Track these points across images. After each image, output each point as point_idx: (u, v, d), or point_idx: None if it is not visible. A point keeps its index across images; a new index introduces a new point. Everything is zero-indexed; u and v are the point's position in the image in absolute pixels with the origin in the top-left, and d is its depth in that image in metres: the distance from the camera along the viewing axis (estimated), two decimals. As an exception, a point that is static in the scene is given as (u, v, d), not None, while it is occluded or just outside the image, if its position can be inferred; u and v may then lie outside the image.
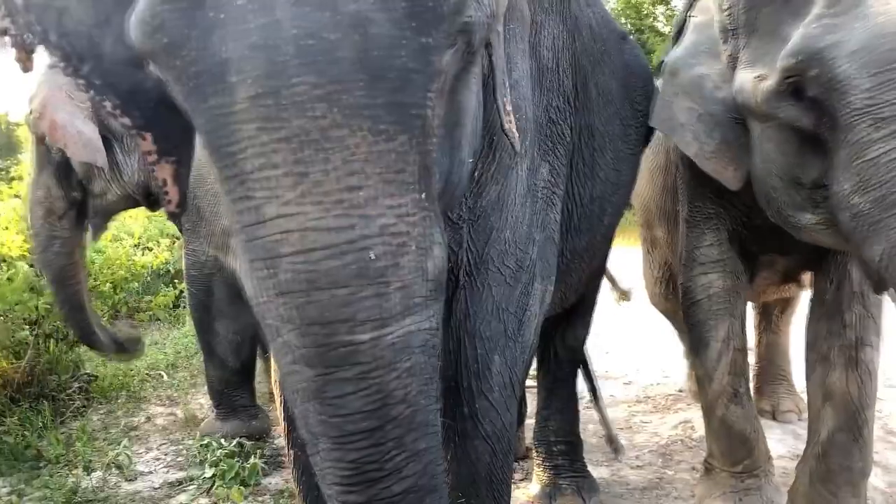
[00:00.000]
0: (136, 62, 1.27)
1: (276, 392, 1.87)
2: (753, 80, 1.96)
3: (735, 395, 2.55)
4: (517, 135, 1.50)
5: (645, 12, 20.54)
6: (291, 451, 1.83)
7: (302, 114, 1.01)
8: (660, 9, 21.12)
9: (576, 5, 2.10)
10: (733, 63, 2.05)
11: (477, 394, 1.78)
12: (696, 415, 3.73)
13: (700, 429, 3.49)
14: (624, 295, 4.78)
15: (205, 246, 3.53)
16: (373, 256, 1.03)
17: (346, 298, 1.03)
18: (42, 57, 1.40)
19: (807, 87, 1.81)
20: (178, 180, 1.45)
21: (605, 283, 3.27)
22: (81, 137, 3.10)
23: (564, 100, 1.95)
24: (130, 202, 3.60)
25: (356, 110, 1.01)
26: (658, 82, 2.45)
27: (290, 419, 1.80)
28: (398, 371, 1.07)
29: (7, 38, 1.39)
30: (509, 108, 1.46)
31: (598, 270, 2.68)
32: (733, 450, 2.58)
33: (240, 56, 1.01)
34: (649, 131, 2.51)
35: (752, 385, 3.08)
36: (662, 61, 2.33)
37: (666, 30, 20.68)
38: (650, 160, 3.03)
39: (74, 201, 3.26)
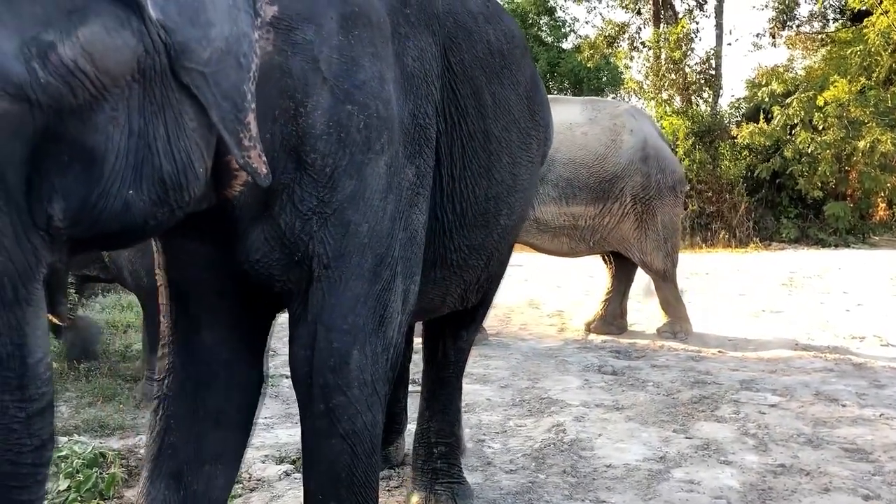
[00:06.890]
0: None
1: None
2: None
3: None
4: (263, 169, 1.49)
5: (530, 21, 21.10)
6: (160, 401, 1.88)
7: None
8: (544, 19, 21.74)
9: (471, 21, 2.15)
10: None
11: (334, 389, 1.72)
12: (567, 418, 3.85)
13: (571, 432, 3.62)
14: None
15: None
16: None
17: None
18: None
19: None
20: None
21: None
22: None
23: (433, 107, 1.95)
24: None
25: None
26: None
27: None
28: None
29: None
30: (247, 142, 1.45)
31: (497, 275, 2.69)
32: None
33: None
34: None
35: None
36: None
37: (549, 39, 21.32)
38: None
39: None
